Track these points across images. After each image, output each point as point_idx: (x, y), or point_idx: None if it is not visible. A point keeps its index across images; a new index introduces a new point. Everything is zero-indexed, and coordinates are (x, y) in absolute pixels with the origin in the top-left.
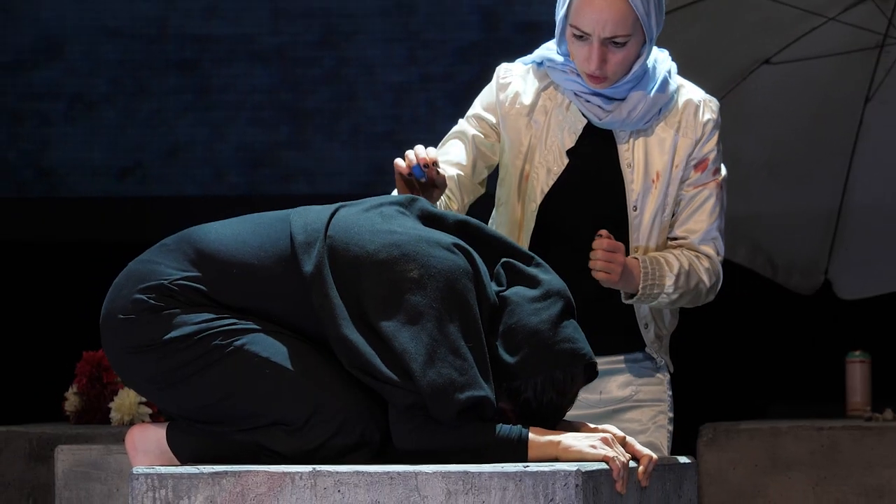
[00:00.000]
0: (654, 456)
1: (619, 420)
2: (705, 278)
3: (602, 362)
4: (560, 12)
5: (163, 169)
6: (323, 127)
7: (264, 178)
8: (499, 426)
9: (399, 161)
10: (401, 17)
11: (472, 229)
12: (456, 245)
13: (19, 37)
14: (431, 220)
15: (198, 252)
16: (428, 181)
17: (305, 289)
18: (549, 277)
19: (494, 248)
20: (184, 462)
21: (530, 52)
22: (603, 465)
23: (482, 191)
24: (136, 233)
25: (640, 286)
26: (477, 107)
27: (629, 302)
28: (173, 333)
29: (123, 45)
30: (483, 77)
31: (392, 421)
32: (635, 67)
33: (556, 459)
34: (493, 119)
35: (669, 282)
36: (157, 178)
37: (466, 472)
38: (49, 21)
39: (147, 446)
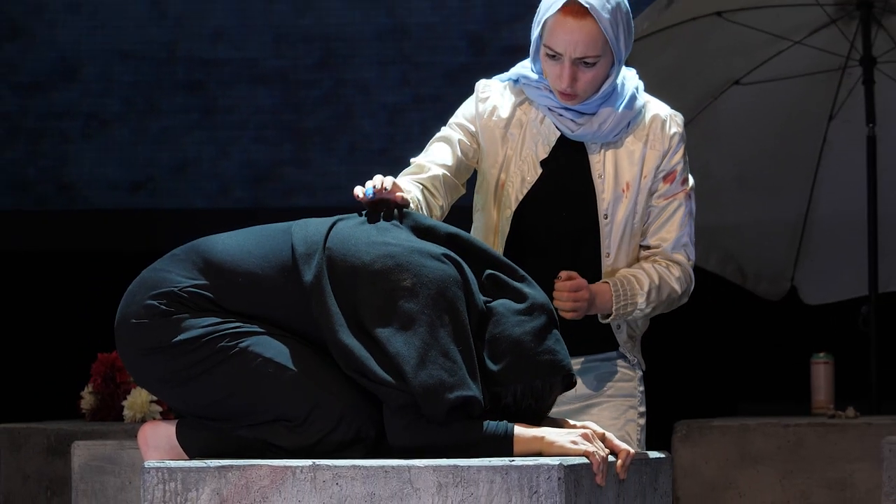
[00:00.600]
0: (632, 450)
1: (590, 414)
2: (676, 286)
3: (579, 361)
4: (535, 32)
5: (172, 183)
6: (322, 144)
7: (267, 193)
8: (486, 423)
9: (357, 189)
10: (395, 42)
11: (461, 241)
12: (446, 255)
13: (38, 61)
14: (423, 232)
15: (206, 262)
16: (391, 201)
17: (306, 297)
18: (533, 292)
19: (482, 259)
20: (192, 457)
21: None
22: (583, 460)
23: (463, 191)
24: (148, 243)
25: (614, 308)
26: (459, 116)
27: (605, 322)
28: (182, 336)
29: (135, 67)
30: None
31: (386, 419)
32: (604, 86)
33: (540, 454)
34: (472, 128)
35: (641, 299)
36: (167, 192)
37: (456, 466)
38: (66, 45)
39: (158, 442)
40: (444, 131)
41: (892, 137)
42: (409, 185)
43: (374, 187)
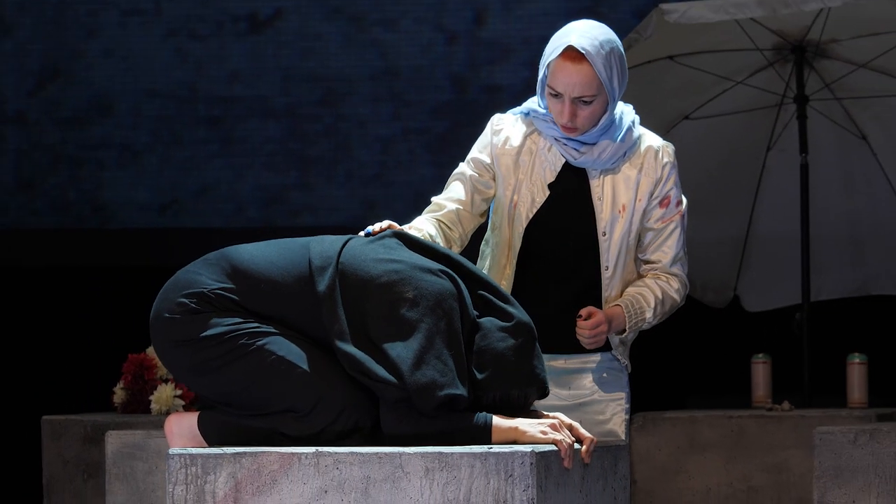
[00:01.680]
0: (595, 438)
1: (584, 412)
2: (676, 297)
3: (574, 361)
4: (541, 73)
5: (194, 205)
6: (324, 171)
7: (277, 213)
8: (468, 415)
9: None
10: (387, 82)
11: (454, 263)
12: (443, 271)
13: (77, 98)
14: (423, 250)
15: (233, 268)
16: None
17: (318, 304)
18: (517, 312)
19: (473, 280)
20: (211, 444)
21: (493, 110)
22: (553, 447)
23: (482, 220)
24: (173, 258)
25: (628, 326)
26: (475, 151)
27: (621, 338)
28: (208, 332)
29: (162, 104)
30: (454, 130)
31: (382, 412)
32: (602, 121)
33: (516, 442)
34: (487, 160)
35: (649, 314)
36: (190, 213)
37: (441, 453)
38: (101, 85)
39: (181, 431)
40: (460, 168)
41: (822, 165)
42: (425, 223)
43: (373, 230)
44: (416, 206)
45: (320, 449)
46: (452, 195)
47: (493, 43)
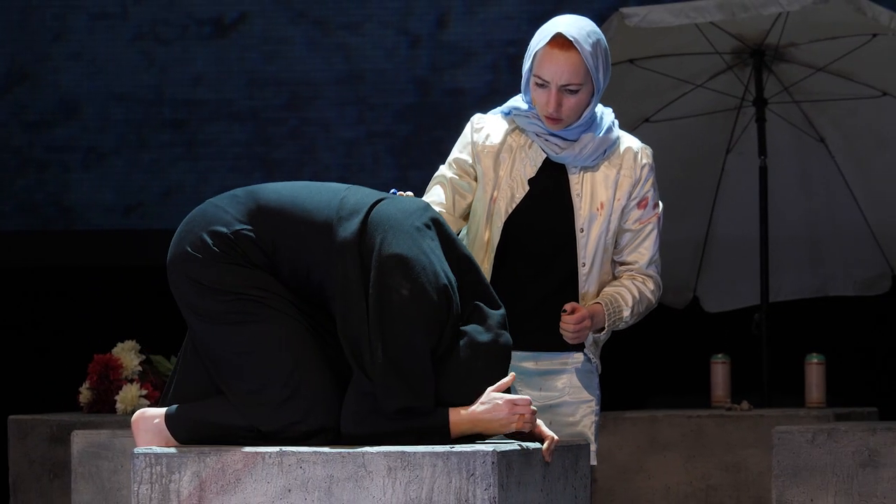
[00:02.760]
0: (556, 437)
1: (554, 413)
2: (652, 298)
3: (545, 363)
4: (526, 66)
5: (160, 207)
6: (289, 174)
7: None
8: (425, 416)
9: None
10: (352, 86)
11: (470, 266)
12: (447, 288)
13: (44, 101)
14: (446, 241)
15: (259, 207)
16: None
17: (335, 253)
18: (502, 329)
19: (476, 291)
20: (178, 440)
21: (455, 113)
22: (515, 446)
23: (464, 223)
24: (138, 259)
25: (607, 323)
26: (455, 151)
27: (598, 336)
28: (219, 285)
29: (128, 107)
30: (418, 134)
31: (345, 403)
32: (585, 113)
33: (478, 432)
34: (468, 159)
35: (626, 313)
36: (155, 215)
37: (404, 452)
38: (68, 88)
39: (148, 427)
40: (441, 171)
41: (780, 168)
42: None
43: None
44: None
45: (284, 448)
46: (434, 199)
47: (456, 46)
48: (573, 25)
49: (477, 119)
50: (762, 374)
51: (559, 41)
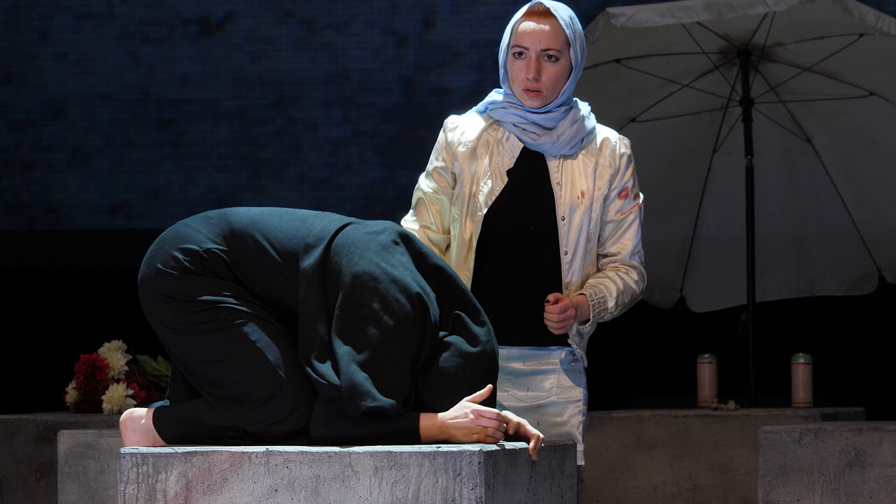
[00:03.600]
0: (542, 435)
1: (542, 414)
2: (636, 288)
3: (533, 363)
4: (504, 44)
5: (146, 207)
6: (275, 173)
7: None
8: (395, 420)
9: None
10: (338, 85)
11: (444, 275)
12: (420, 295)
13: (30, 101)
14: (417, 256)
15: (231, 229)
16: None
17: (298, 280)
18: (487, 338)
19: (456, 297)
20: (166, 440)
21: (443, 113)
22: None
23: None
24: (125, 259)
25: (591, 314)
26: (431, 160)
27: (583, 328)
28: (193, 296)
29: (114, 107)
30: (405, 133)
31: (314, 410)
32: (564, 91)
33: (447, 440)
34: (445, 164)
35: (611, 303)
36: (142, 215)
37: (391, 452)
38: (54, 88)
39: (136, 427)
40: (420, 183)
41: (767, 168)
42: None
43: None
44: (367, 208)
45: (270, 448)
46: (418, 221)
47: (442, 46)
48: (550, 1)
49: (451, 120)
50: (749, 373)
51: (537, 9)
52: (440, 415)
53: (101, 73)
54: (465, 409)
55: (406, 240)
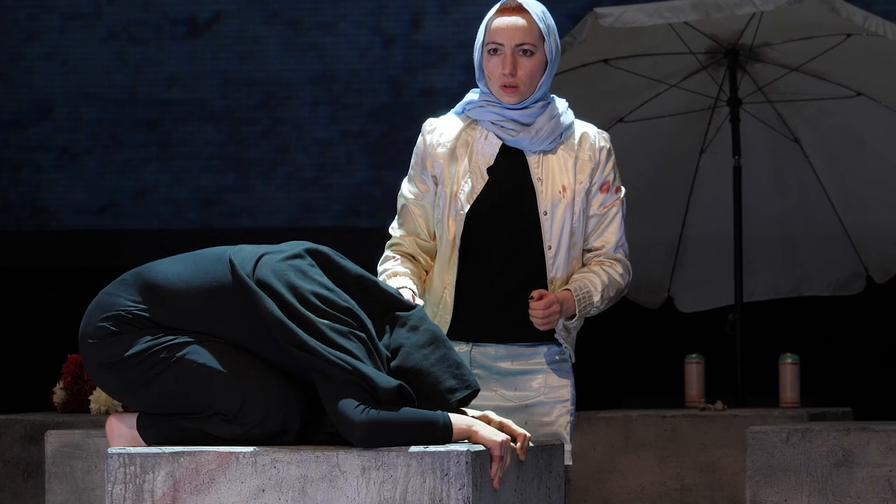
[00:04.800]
0: (529, 435)
1: (529, 413)
2: (621, 281)
3: (521, 362)
4: (479, 40)
5: (133, 207)
6: (263, 173)
7: (215, 215)
8: (428, 411)
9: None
10: (325, 85)
11: (366, 282)
12: (351, 331)
13: (18, 101)
14: (335, 271)
15: (148, 287)
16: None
17: (244, 303)
18: (426, 326)
19: (383, 302)
20: (149, 444)
21: (430, 113)
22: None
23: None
24: (112, 259)
25: (577, 310)
26: (411, 166)
27: (570, 323)
28: (128, 352)
29: (101, 107)
30: (392, 133)
31: (338, 404)
32: (540, 86)
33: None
34: (424, 168)
35: (597, 298)
36: (129, 215)
37: (378, 452)
38: (41, 89)
39: (121, 431)
40: (403, 189)
41: (754, 168)
42: (398, 267)
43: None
44: (354, 208)
45: (258, 448)
46: (404, 228)
47: (429, 46)
48: None
49: (428, 123)
50: (736, 373)
51: (510, 6)
52: (469, 420)
53: (89, 73)
54: (495, 430)
55: (320, 257)
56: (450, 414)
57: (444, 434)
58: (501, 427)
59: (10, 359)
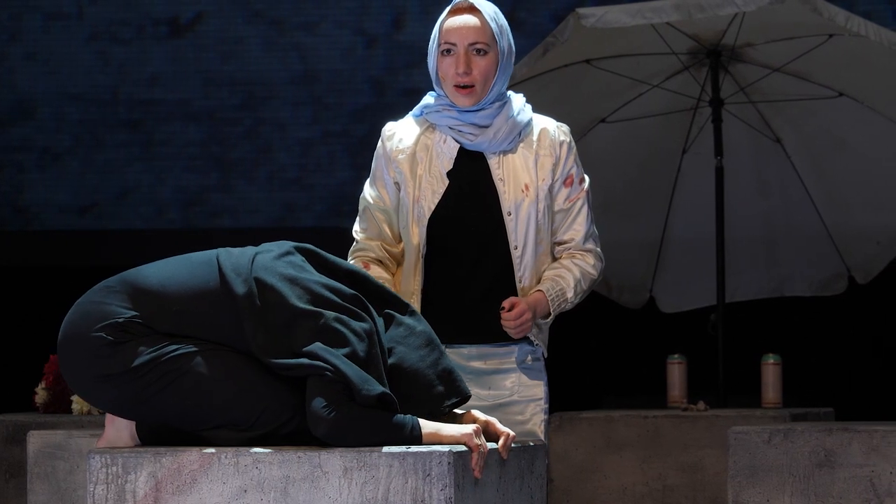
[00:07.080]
0: (512, 433)
1: (504, 412)
2: (594, 272)
3: (494, 361)
4: (432, 45)
5: (115, 207)
6: (244, 173)
7: (197, 215)
8: (397, 416)
9: None
10: (307, 85)
11: (359, 278)
12: (359, 312)
13: None
14: (328, 269)
15: (140, 293)
16: None
17: (236, 310)
18: (423, 327)
19: (377, 296)
20: (143, 438)
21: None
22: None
23: (402, 242)
24: (95, 259)
25: (552, 309)
26: (372, 172)
27: (545, 322)
28: (133, 363)
29: (83, 108)
30: (374, 134)
31: (314, 405)
32: (494, 85)
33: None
34: (385, 173)
35: (570, 294)
36: (111, 215)
37: (360, 452)
38: (23, 89)
39: (120, 423)
40: (365, 192)
41: (737, 168)
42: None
43: None
44: (336, 208)
45: (239, 449)
46: (371, 234)
47: (411, 46)
48: None
49: (388, 128)
50: (718, 374)
51: (462, 6)
52: (437, 426)
53: (70, 73)
54: (463, 432)
55: (310, 254)
56: (419, 420)
57: (412, 439)
58: (487, 425)
59: None
